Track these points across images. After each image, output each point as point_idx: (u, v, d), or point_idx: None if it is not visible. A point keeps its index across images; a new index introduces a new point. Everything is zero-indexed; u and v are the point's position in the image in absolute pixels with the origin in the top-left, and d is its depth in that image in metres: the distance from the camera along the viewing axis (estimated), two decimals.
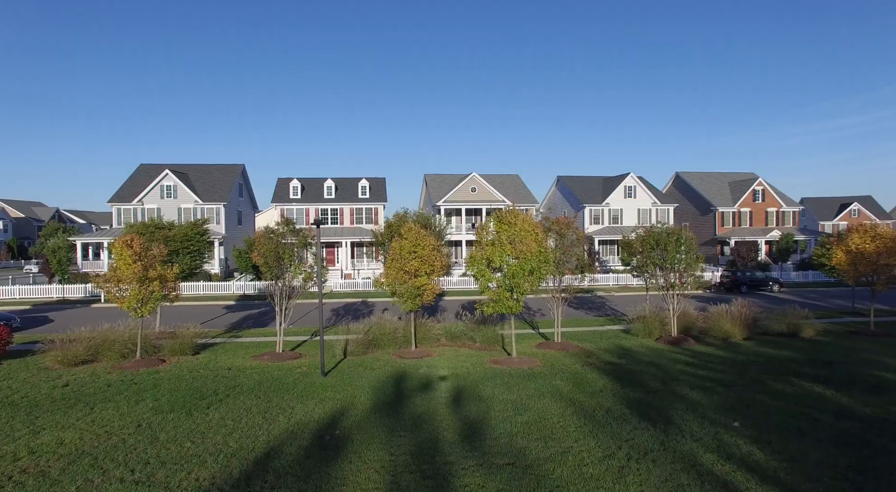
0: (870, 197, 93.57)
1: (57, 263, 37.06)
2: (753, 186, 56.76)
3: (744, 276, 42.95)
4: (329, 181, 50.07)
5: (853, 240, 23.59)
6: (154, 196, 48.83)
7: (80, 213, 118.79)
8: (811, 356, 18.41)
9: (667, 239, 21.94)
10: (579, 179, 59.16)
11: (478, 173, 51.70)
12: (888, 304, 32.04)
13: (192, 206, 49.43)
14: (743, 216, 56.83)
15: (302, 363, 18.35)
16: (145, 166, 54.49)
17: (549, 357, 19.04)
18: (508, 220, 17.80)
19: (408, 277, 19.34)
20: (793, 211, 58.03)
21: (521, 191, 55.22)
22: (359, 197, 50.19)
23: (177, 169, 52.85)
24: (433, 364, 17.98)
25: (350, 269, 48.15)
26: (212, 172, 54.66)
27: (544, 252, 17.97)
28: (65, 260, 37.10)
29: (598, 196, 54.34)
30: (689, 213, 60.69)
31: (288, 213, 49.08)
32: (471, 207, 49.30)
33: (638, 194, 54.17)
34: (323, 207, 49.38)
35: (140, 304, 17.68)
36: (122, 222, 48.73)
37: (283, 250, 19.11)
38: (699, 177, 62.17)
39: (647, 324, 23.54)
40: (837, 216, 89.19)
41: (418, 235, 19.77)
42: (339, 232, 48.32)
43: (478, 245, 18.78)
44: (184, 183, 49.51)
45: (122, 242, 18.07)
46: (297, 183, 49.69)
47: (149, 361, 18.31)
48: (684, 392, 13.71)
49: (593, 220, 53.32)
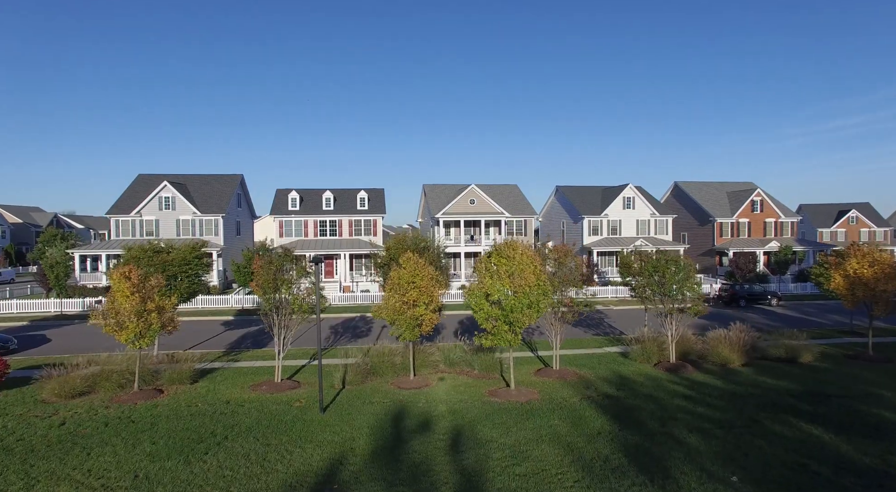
0: (867, 204, 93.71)
1: (55, 278, 36.97)
2: (752, 197, 56.80)
3: (742, 289, 42.96)
4: (328, 193, 50.00)
5: (851, 265, 23.59)
6: (152, 208, 48.71)
7: (79, 218, 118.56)
8: (809, 388, 18.41)
9: (665, 266, 21.93)
10: (578, 189, 59.15)
11: (477, 184, 51.66)
12: (886, 321, 32.08)
13: (191, 217, 49.34)
14: (741, 227, 56.87)
15: (300, 395, 18.30)
16: (144, 177, 54.37)
17: (547, 388, 19.02)
18: (507, 253, 17.77)
19: (406, 308, 19.33)
20: (791, 221, 58.09)
21: (519, 202, 55.19)
22: (357, 208, 50.14)
23: (175, 180, 52.72)
24: (432, 397, 17.95)
25: (349, 281, 48.10)
26: (210, 183, 54.54)
27: (543, 285, 17.93)
28: (62, 275, 37.00)
29: (596, 207, 54.34)
30: (687, 223, 60.73)
31: (287, 225, 49.03)
32: (469, 218, 49.28)
33: (637, 205, 54.18)
34: (321, 218, 49.30)
35: (138, 336, 17.62)
36: (120, 234, 48.66)
37: (282, 281, 19.00)
38: (697, 187, 62.20)
39: (646, 349, 23.54)
40: (836, 223, 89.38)
41: (417, 264, 19.76)
42: (338, 244, 48.26)
43: (477, 274, 18.73)
44: (182, 194, 49.39)
45: (119, 274, 18.01)
46: (296, 194, 49.63)
47: (147, 392, 18.26)
48: (682, 436, 13.69)
49: (592, 231, 53.32)
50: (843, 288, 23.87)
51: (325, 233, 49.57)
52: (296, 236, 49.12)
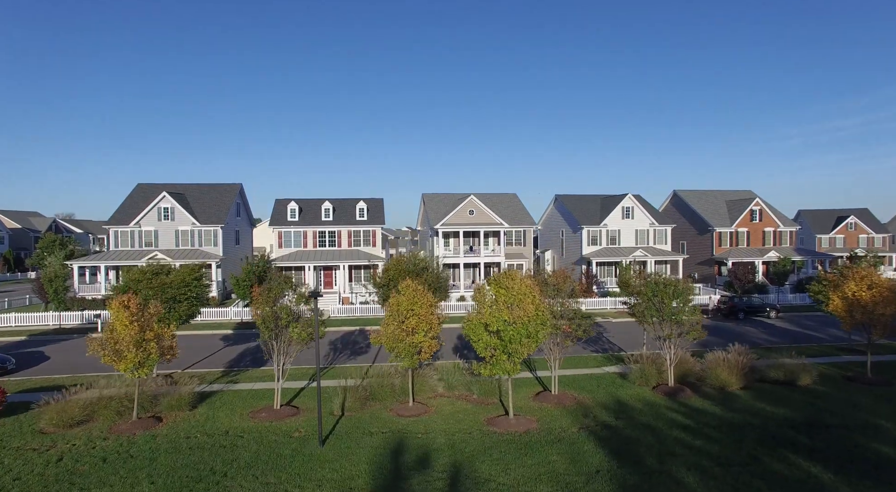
0: (866, 210, 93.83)
1: (53, 292, 36.92)
2: (751, 206, 56.85)
3: (741, 302, 42.97)
4: (327, 203, 49.98)
5: (849, 287, 23.61)
6: (151, 218, 48.66)
7: (77, 222, 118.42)
8: (808, 417, 18.41)
9: (664, 291, 21.94)
10: (577, 198, 59.19)
11: (476, 194, 51.69)
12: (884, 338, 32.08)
13: (190, 228, 49.31)
14: (740, 236, 56.92)
15: (299, 423, 18.29)
16: (143, 186, 54.33)
17: (545, 415, 19.02)
18: (506, 284, 17.76)
19: (405, 335, 19.33)
20: (790, 230, 58.16)
21: (518, 212, 55.20)
22: (356, 219, 50.12)
23: (174, 190, 52.69)
24: (431, 426, 17.94)
25: (348, 292, 48.08)
26: (209, 192, 54.50)
27: (542, 314, 17.94)
28: (61, 289, 36.95)
29: (595, 217, 54.37)
30: (686, 231, 60.76)
31: (286, 235, 49.00)
32: (469, 229, 49.29)
33: (636, 215, 54.21)
34: (321, 229, 49.27)
35: (137, 366, 17.59)
36: (118, 245, 48.60)
37: (281, 310, 18.97)
38: (696, 195, 62.24)
39: (645, 371, 23.56)
40: (834, 229, 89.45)
41: (416, 292, 19.75)
42: (337, 255, 48.24)
43: (475, 303, 18.72)
44: (181, 204, 49.35)
45: (118, 304, 17.97)
46: (295, 205, 49.60)
47: (145, 421, 18.23)
48: (681, 475, 13.70)
49: (591, 241, 53.34)
50: (841, 310, 23.89)
51: (324, 243, 49.54)
52: (295, 247, 49.09)
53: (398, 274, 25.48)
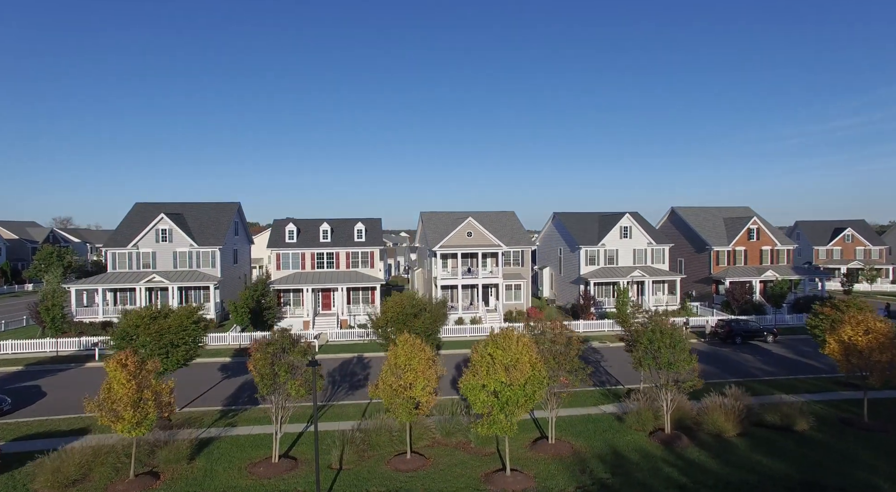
0: (863, 221, 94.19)
1: (51, 320, 36.85)
2: (748, 225, 56.97)
3: (738, 326, 43.07)
4: (325, 225, 49.97)
5: (845, 331, 23.67)
6: (149, 240, 48.60)
7: (75, 231, 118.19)
8: (805, 473, 18.47)
9: (660, 340, 21.98)
10: (575, 217, 59.31)
11: (473, 215, 51.79)
12: None
13: (188, 249, 49.26)
14: (738, 255, 57.04)
15: (297, 481, 18.30)
16: (140, 206, 54.25)
17: (542, 470, 19.05)
18: (503, 344, 17.80)
19: (402, 389, 19.33)
20: (787, 249, 58.29)
21: (516, 231, 55.23)
22: (354, 240, 50.11)
23: (171, 210, 52.64)
24: (428, 484, 17.97)
25: (346, 314, 48.05)
26: (207, 212, 54.45)
27: (538, 374, 17.99)
28: (58, 317, 36.88)
29: (593, 236, 54.43)
30: (684, 249, 60.86)
31: (284, 257, 48.96)
32: (467, 251, 49.31)
33: (633, 235, 54.29)
34: (318, 251, 49.26)
35: (135, 426, 17.56)
36: (116, 266, 48.50)
37: (279, 366, 18.95)
38: (694, 212, 62.34)
39: (641, 415, 23.62)
40: (831, 241, 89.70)
41: (413, 346, 19.75)
42: (336, 277, 48.23)
43: (472, 363, 18.74)
44: (179, 226, 49.29)
45: (116, 362, 17.94)
46: (293, 226, 49.57)
47: (143, 480, 18.20)
48: None
49: (589, 260, 53.39)
50: (837, 354, 23.95)
51: (322, 265, 49.52)
52: (293, 269, 49.07)
53: (397, 316, 25.49)
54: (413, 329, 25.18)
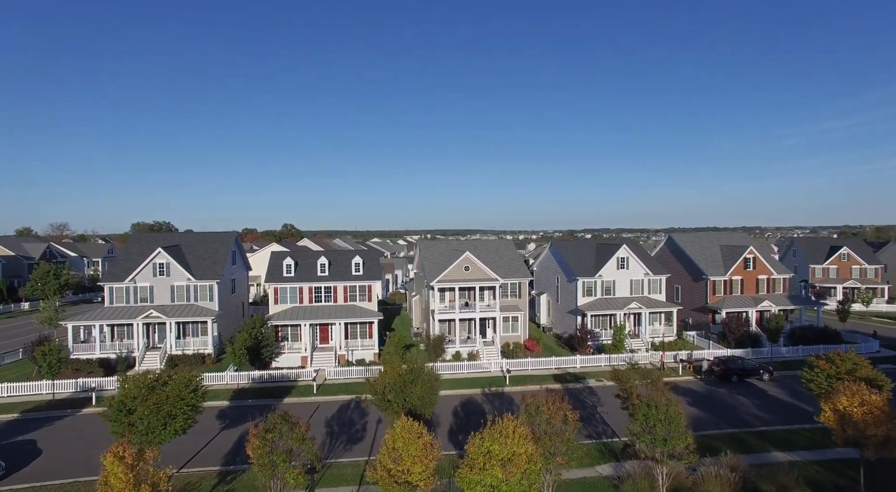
0: (859, 240, 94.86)
1: (48, 365, 36.76)
2: (745, 254, 57.20)
3: (734, 365, 43.30)
4: (322, 258, 49.99)
5: (841, 402, 23.80)
6: (146, 274, 48.52)
7: (72, 245, 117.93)
8: None
9: (655, 416, 22.09)
10: (572, 244, 59.66)
11: (471, 247, 52.18)
12: None
13: (185, 283, 49.20)
14: (734, 284, 57.27)
15: None
16: (139, 236, 54.26)
17: None
18: (500, 440, 17.88)
19: (400, 474, 19.39)
20: (783, 277, 58.52)
21: (513, 261, 55.36)
22: (352, 274, 50.13)
23: (169, 241, 52.61)
24: None
25: (344, 348, 48.06)
26: (205, 242, 54.41)
27: (534, 467, 18.08)
28: (55, 362, 36.80)
29: (590, 267, 54.57)
30: (681, 276, 61.05)
31: (282, 292, 48.95)
32: (464, 285, 49.44)
33: (630, 265, 54.46)
34: (316, 285, 49.25)
35: None
36: (114, 301, 48.40)
37: (278, 455, 18.98)
38: (691, 240, 62.57)
39: (637, 485, 23.76)
40: (827, 260, 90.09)
41: (411, 430, 19.79)
42: (333, 312, 48.24)
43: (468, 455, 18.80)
44: (176, 259, 49.22)
45: (113, 456, 17.92)
46: (291, 260, 49.57)
47: None
48: None
49: (586, 292, 53.53)
50: (833, 422, 24.06)
51: (319, 299, 49.53)
52: (291, 303, 49.07)
53: (394, 382, 25.57)
54: (410, 396, 25.24)
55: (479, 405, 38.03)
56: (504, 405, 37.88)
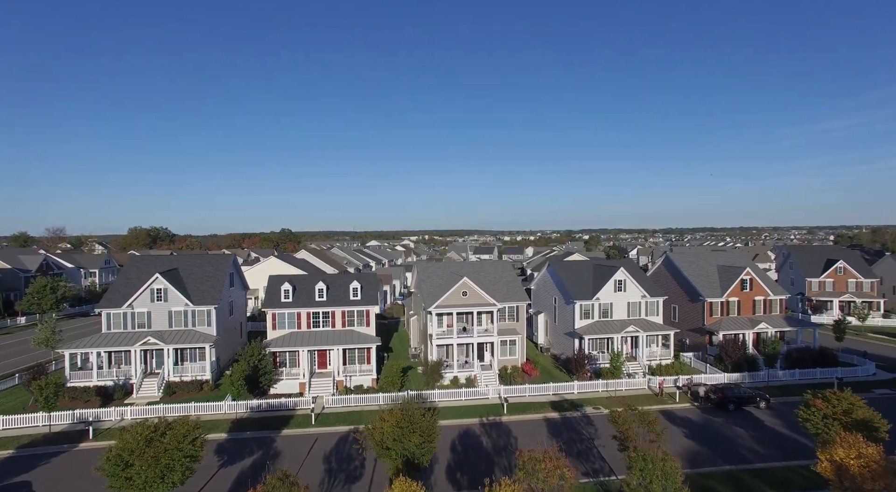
0: (856, 254, 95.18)
1: (44, 400, 36.64)
2: (742, 276, 57.39)
3: (731, 393, 43.43)
4: (320, 283, 49.94)
5: (837, 452, 23.91)
6: (144, 300, 48.42)
7: (69, 256, 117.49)
8: None
9: (651, 472, 22.15)
10: (569, 265, 59.76)
11: (469, 273, 52.16)
12: None
13: (183, 308, 49.10)
14: (731, 305, 57.45)
15: None
16: (136, 260, 54.11)
17: None
18: None
19: None
20: (779, 298, 58.73)
21: (511, 284, 55.42)
22: (350, 299, 50.10)
23: (167, 265, 52.54)
24: None
25: (342, 374, 48.03)
26: (202, 266, 54.32)
27: None
28: (52, 396, 36.68)
29: (587, 290, 54.68)
30: (678, 295, 61.20)
31: (280, 317, 48.90)
32: (462, 310, 49.49)
33: (628, 288, 54.59)
34: (314, 310, 49.21)
35: None
36: (111, 327, 48.26)
37: None
38: (688, 259, 62.76)
39: None
40: (824, 273, 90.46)
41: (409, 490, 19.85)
42: (331, 338, 48.21)
43: None
44: (174, 284, 49.13)
45: None
46: (289, 285, 49.51)
47: None
48: None
49: (583, 314, 53.64)
50: (830, 473, 24.17)
51: (318, 324, 49.51)
52: (289, 328, 49.03)
53: (393, 430, 25.59)
54: (408, 445, 25.27)
55: (477, 438, 38.04)
56: (502, 437, 37.94)
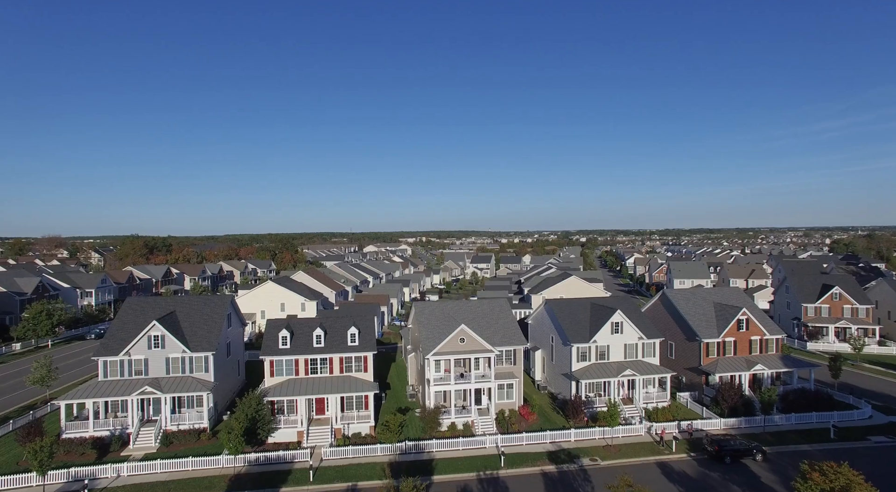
0: (852, 279, 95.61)
1: (38, 464, 36.48)
2: (738, 316, 57.66)
3: (728, 445, 43.63)
4: (318, 329, 49.96)
5: None
6: (141, 347, 48.38)
7: (64, 275, 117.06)
8: None
9: None
10: (566, 304, 60.06)
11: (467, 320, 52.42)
12: None
13: (180, 355, 49.09)
14: (727, 345, 57.69)
15: None
16: (133, 304, 53.99)
17: None
18: None
19: None
20: (775, 338, 59.04)
21: (508, 327, 55.54)
22: (348, 345, 50.14)
23: (164, 309, 52.47)
24: None
25: (339, 421, 48.03)
26: (200, 308, 54.29)
27: None
28: (46, 459, 36.51)
29: (584, 331, 54.87)
30: (674, 333, 61.44)
31: (277, 364, 48.89)
32: (459, 357, 49.64)
33: (625, 330, 54.79)
34: (312, 357, 49.25)
35: None
36: (108, 375, 48.19)
37: None
38: (684, 297, 63.02)
39: None
40: (820, 299, 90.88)
41: None
42: (329, 385, 48.24)
43: None
44: (171, 330, 49.08)
45: None
46: (286, 332, 49.51)
47: None
48: None
49: (580, 357, 53.81)
50: None
51: (315, 370, 49.55)
52: (287, 375, 49.07)
53: None
54: None
55: None
56: None
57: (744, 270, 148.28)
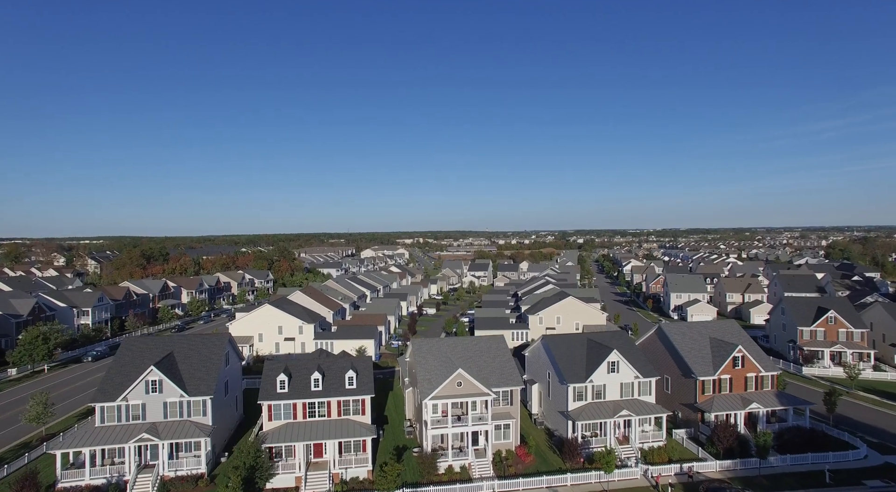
0: (847, 302, 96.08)
1: None
2: (734, 353, 58.02)
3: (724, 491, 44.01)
4: (316, 373, 50.08)
5: None
6: (138, 392, 48.39)
7: (60, 294, 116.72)
8: None
9: None
10: (562, 340, 60.32)
11: (462, 355, 52.42)
12: None
13: (178, 399, 49.13)
14: (723, 383, 58.05)
15: None
16: (130, 345, 53.98)
17: None
18: None
19: None
20: (771, 375, 59.44)
21: (505, 366, 55.74)
22: (346, 388, 50.28)
23: (162, 351, 52.48)
24: None
25: (337, 465, 48.16)
26: (198, 348, 54.34)
27: None
28: None
29: (581, 370, 55.12)
30: (670, 368, 61.78)
31: (276, 409, 48.99)
32: (457, 400, 49.86)
33: (621, 369, 55.07)
34: (310, 400, 49.38)
35: None
36: (105, 420, 48.20)
37: None
38: (680, 332, 63.33)
39: None
40: (815, 322, 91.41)
41: None
42: (327, 430, 48.39)
43: None
44: (169, 375, 49.11)
45: None
46: (284, 376, 49.62)
47: None
48: None
49: (577, 396, 54.10)
50: None
51: (313, 414, 49.69)
52: (285, 419, 49.19)
53: None
54: None
55: None
56: None
57: (740, 284, 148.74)
